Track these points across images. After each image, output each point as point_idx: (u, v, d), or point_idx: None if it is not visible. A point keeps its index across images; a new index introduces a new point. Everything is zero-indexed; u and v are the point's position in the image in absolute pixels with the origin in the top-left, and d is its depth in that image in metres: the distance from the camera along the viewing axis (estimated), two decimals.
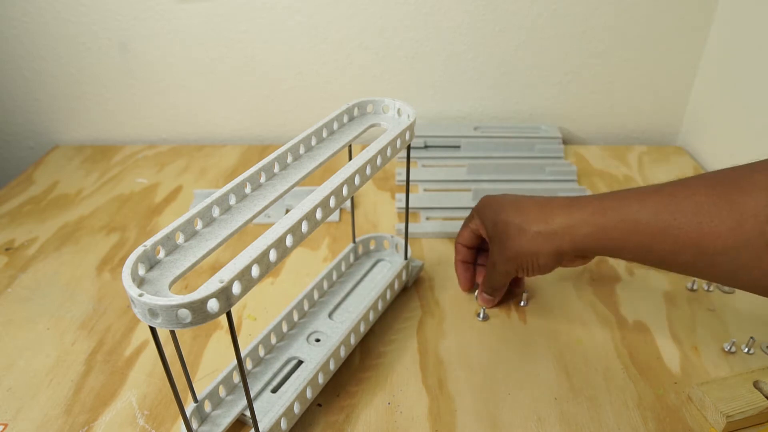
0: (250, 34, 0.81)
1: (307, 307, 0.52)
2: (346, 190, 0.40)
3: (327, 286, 0.55)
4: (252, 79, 0.85)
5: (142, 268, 0.33)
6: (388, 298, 0.53)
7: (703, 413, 0.44)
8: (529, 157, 0.81)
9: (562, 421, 0.44)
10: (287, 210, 0.70)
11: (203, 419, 0.42)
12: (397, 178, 0.78)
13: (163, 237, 0.34)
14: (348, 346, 0.48)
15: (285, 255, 0.35)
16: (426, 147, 0.83)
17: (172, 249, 0.35)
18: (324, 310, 0.52)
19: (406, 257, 0.55)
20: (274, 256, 0.34)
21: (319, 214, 0.37)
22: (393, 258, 0.59)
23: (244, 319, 0.54)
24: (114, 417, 0.45)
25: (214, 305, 0.30)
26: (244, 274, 0.32)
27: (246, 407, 0.43)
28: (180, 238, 0.35)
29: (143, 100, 0.87)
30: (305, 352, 0.48)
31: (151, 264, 0.33)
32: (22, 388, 0.48)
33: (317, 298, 0.53)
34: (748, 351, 0.49)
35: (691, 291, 0.57)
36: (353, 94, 0.85)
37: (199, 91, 0.86)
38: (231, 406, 0.43)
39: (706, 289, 0.57)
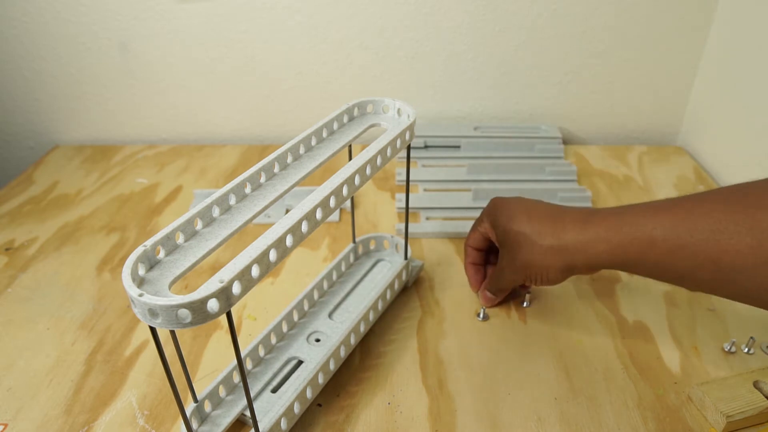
0: (250, 34, 0.81)
1: (307, 307, 0.52)
2: (346, 190, 0.40)
3: (327, 286, 0.55)
4: (252, 79, 0.85)
5: (142, 268, 0.33)
6: (388, 298, 0.53)
7: (703, 413, 0.44)
8: (529, 157, 0.81)
9: (562, 421, 0.44)
10: (287, 210, 0.70)
11: (203, 419, 0.42)
12: (397, 178, 0.78)
13: (163, 237, 0.34)
14: (348, 346, 0.48)
15: (285, 255, 0.35)
16: (426, 147, 0.83)
17: (172, 249, 0.35)
18: (324, 310, 0.52)
19: (406, 257, 0.55)
20: (274, 256, 0.34)
21: (319, 214, 0.37)
22: (393, 258, 0.59)
23: (244, 319, 0.54)
24: (114, 417, 0.45)
25: (214, 305, 0.30)
26: (244, 274, 0.32)
27: (246, 407, 0.43)
28: (180, 238, 0.35)
29: (143, 100, 0.87)
30: (305, 352, 0.48)
31: (151, 264, 0.33)
32: (22, 388, 0.48)
33: (317, 298, 0.53)
34: (748, 351, 0.49)
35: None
36: (353, 94, 0.85)
37: (199, 91, 0.86)
38: (231, 406, 0.43)
39: None
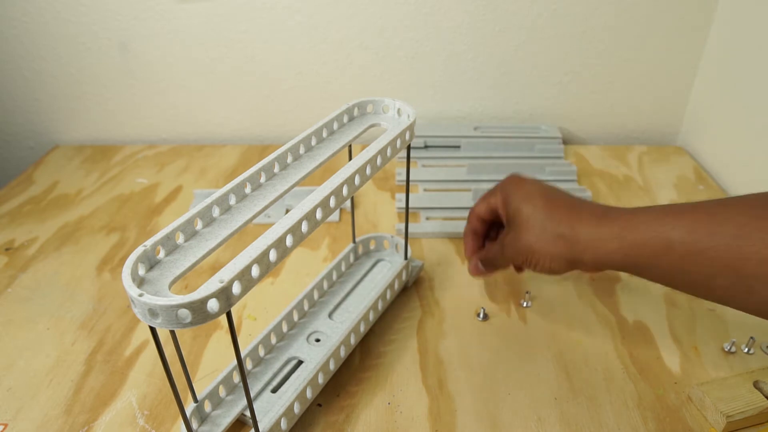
0: (250, 34, 0.81)
1: (307, 307, 0.52)
2: (346, 190, 0.40)
3: (327, 286, 0.55)
4: (252, 79, 0.85)
5: (142, 268, 0.33)
6: (388, 298, 0.53)
7: (703, 413, 0.44)
8: (529, 157, 0.81)
9: (562, 421, 0.44)
10: (287, 210, 0.70)
11: (203, 419, 0.42)
12: (397, 178, 0.78)
13: (163, 237, 0.34)
14: (348, 346, 0.48)
15: (285, 255, 0.35)
16: (426, 147, 0.83)
17: (172, 249, 0.35)
18: (324, 310, 0.52)
19: (406, 257, 0.55)
20: (274, 256, 0.34)
21: (319, 214, 0.37)
22: (393, 258, 0.59)
23: (244, 319, 0.54)
24: (114, 417, 0.45)
25: (214, 305, 0.30)
26: (244, 274, 0.32)
27: (246, 407, 0.43)
28: (180, 238, 0.35)
29: (143, 100, 0.87)
30: (305, 352, 0.48)
31: (151, 264, 0.33)
32: (22, 388, 0.48)
33: (317, 298, 0.53)
34: (748, 351, 0.49)
35: None
36: (353, 94, 0.85)
37: (199, 91, 0.86)
38: (231, 406, 0.43)
39: None
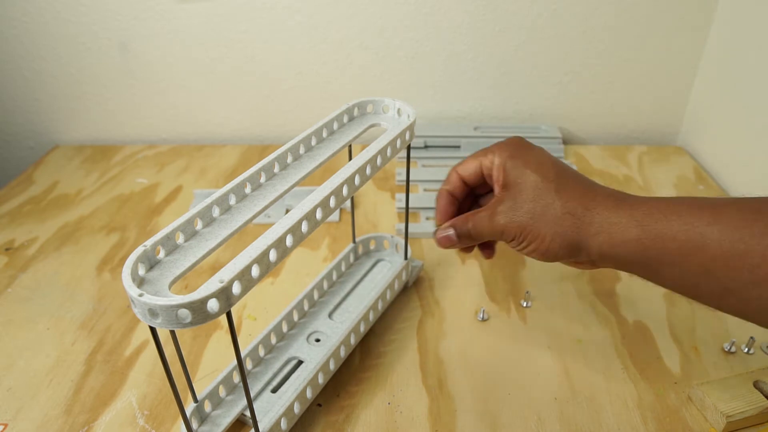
0: (250, 34, 0.81)
1: (307, 307, 0.52)
2: (346, 190, 0.40)
3: (327, 286, 0.55)
4: (252, 79, 0.85)
5: (142, 268, 0.33)
6: (388, 298, 0.53)
7: (703, 413, 0.44)
8: None
9: (562, 421, 0.44)
10: (287, 210, 0.70)
11: (203, 419, 0.42)
12: (397, 178, 0.78)
13: (163, 237, 0.34)
14: (348, 346, 0.48)
15: (285, 255, 0.35)
16: (426, 147, 0.83)
17: (172, 249, 0.35)
18: (324, 310, 0.52)
19: (406, 257, 0.55)
20: (274, 256, 0.34)
21: (319, 214, 0.37)
22: (393, 258, 0.59)
23: (244, 319, 0.54)
24: (114, 417, 0.45)
25: (214, 305, 0.30)
26: (244, 274, 0.32)
27: (246, 407, 0.43)
28: (180, 238, 0.35)
29: (143, 100, 0.87)
30: (305, 352, 0.48)
31: (151, 264, 0.33)
32: (22, 388, 0.48)
33: (317, 298, 0.53)
34: (748, 351, 0.49)
35: None
36: (353, 94, 0.85)
37: (199, 91, 0.86)
38: (231, 406, 0.43)
39: None
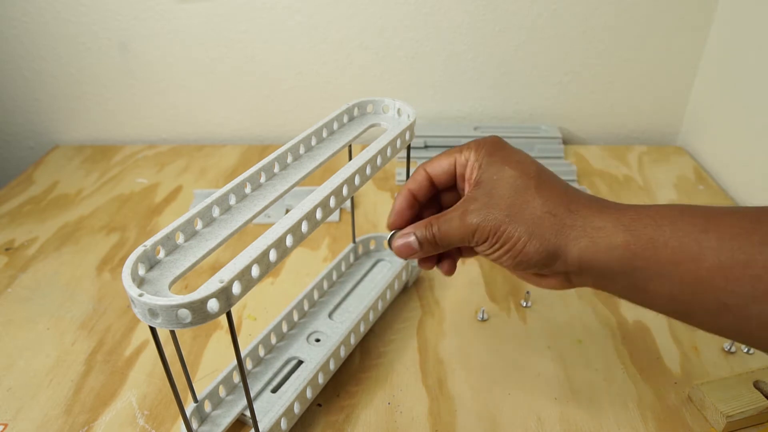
0: (250, 34, 0.81)
1: (307, 307, 0.52)
2: (346, 190, 0.40)
3: (327, 286, 0.55)
4: (252, 79, 0.85)
5: (142, 268, 0.33)
6: (388, 298, 0.53)
7: (703, 413, 0.44)
8: None
9: (562, 421, 0.44)
10: (287, 210, 0.70)
11: (203, 419, 0.42)
12: (397, 178, 0.78)
13: (163, 237, 0.34)
14: (348, 346, 0.48)
15: (285, 255, 0.35)
16: (426, 147, 0.83)
17: (172, 249, 0.35)
18: (324, 310, 0.52)
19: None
20: (274, 256, 0.34)
21: (319, 214, 0.37)
22: (393, 258, 0.59)
23: (244, 319, 0.54)
24: (114, 417, 0.45)
25: (214, 305, 0.30)
26: (244, 274, 0.32)
27: (246, 407, 0.43)
28: (180, 238, 0.35)
29: (143, 100, 0.87)
30: (305, 352, 0.48)
31: (151, 264, 0.33)
32: (22, 388, 0.48)
33: (317, 298, 0.53)
34: (748, 351, 0.49)
35: None
36: (353, 94, 0.85)
37: (199, 91, 0.86)
38: (231, 406, 0.43)
39: None
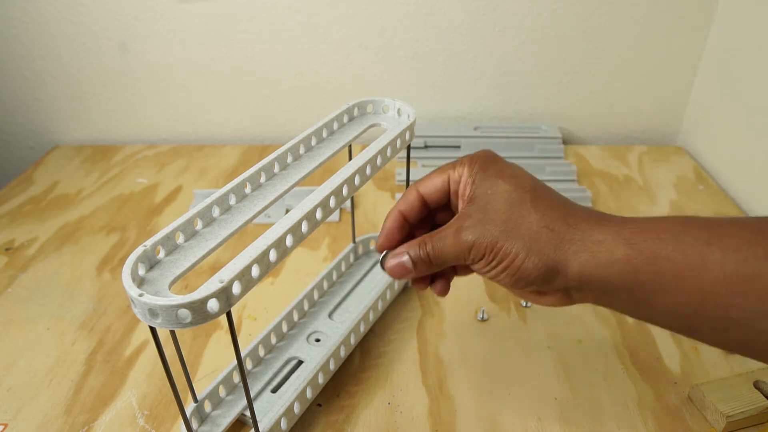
0: (250, 34, 0.81)
1: (307, 307, 0.52)
2: (346, 190, 0.40)
3: (327, 286, 0.55)
4: (252, 79, 0.85)
5: (142, 268, 0.33)
6: (388, 298, 0.53)
7: (703, 413, 0.44)
8: (529, 157, 0.81)
9: (562, 421, 0.44)
10: (287, 210, 0.70)
11: (203, 419, 0.42)
12: (397, 178, 0.78)
13: (163, 237, 0.34)
14: (348, 346, 0.48)
15: (285, 255, 0.35)
16: (426, 147, 0.83)
17: (172, 249, 0.35)
18: (324, 310, 0.52)
19: None
20: (274, 256, 0.34)
21: (319, 214, 0.37)
22: None
23: (244, 319, 0.54)
24: (114, 417, 0.45)
25: (214, 305, 0.30)
26: (244, 274, 0.32)
27: (246, 407, 0.43)
28: (180, 238, 0.35)
29: (143, 100, 0.87)
30: (305, 352, 0.48)
31: (151, 264, 0.33)
32: (22, 388, 0.48)
33: (317, 298, 0.53)
34: None
35: None
36: (353, 94, 0.85)
37: (199, 91, 0.86)
38: (231, 406, 0.43)
39: None
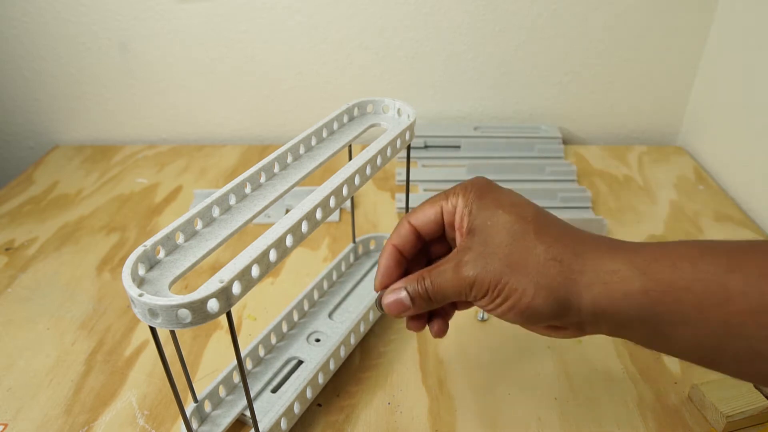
0: (250, 34, 0.81)
1: (307, 307, 0.52)
2: (346, 190, 0.40)
3: (327, 286, 0.55)
4: (252, 79, 0.85)
5: (142, 268, 0.33)
6: None
7: (703, 413, 0.44)
8: (529, 157, 0.81)
9: (562, 421, 0.44)
10: (287, 210, 0.70)
11: (203, 419, 0.42)
12: (397, 178, 0.78)
13: (163, 237, 0.34)
14: (348, 346, 0.48)
15: (285, 255, 0.35)
16: (426, 147, 0.83)
17: (172, 249, 0.35)
18: (324, 310, 0.52)
19: None
20: (274, 256, 0.34)
21: (319, 214, 0.37)
22: None
23: (244, 319, 0.54)
24: (114, 417, 0.45)
25: (214, 305, 0.30)
26: (244, 274, 0.32)
27: (246, 407, 0.43)
28: (180, 238, 0.35)
29: (143, 100, 0.87)
30: (305, 352, 0.48)
31: (151, 264, 0.33)
32: (22, 388, 0.48)
33: (317, 298, 0.53)
34: None
35: None
36: (353, 94, 0.85)
37: (199, 91, 0.86)
38: (231, 406, 0.43)
39: None
